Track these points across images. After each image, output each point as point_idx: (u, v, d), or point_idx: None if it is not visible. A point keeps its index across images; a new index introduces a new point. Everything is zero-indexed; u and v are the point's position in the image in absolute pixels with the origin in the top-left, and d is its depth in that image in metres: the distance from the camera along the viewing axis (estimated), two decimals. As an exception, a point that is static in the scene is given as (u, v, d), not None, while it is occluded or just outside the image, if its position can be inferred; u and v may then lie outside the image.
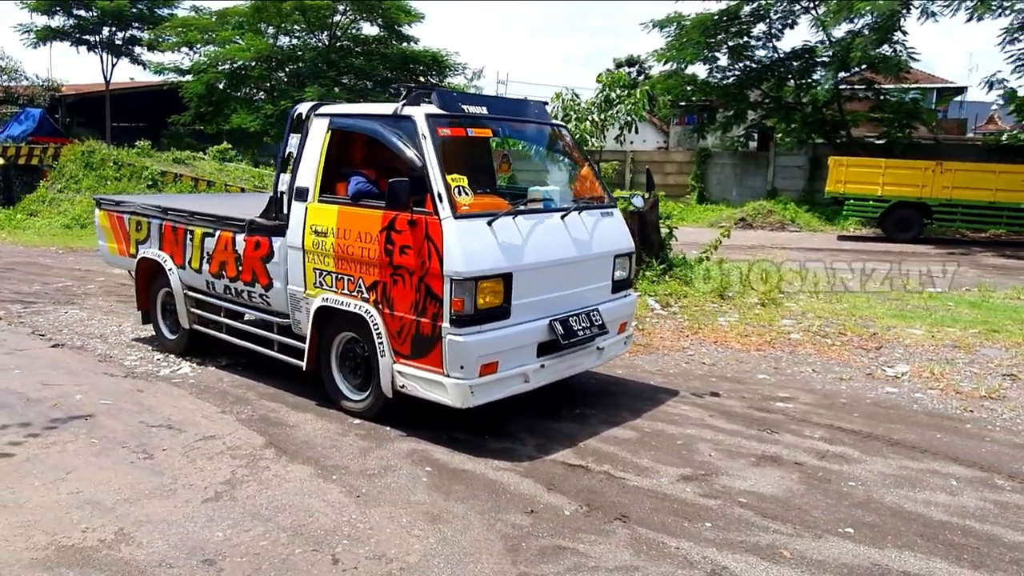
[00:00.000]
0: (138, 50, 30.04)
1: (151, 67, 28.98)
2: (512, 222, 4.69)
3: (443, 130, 4.74)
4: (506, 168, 6.17)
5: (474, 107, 5.03)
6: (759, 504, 3.99)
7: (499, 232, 4.56)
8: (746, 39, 23.16)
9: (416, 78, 27.55)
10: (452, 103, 4.91)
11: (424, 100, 4.83)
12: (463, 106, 4.96)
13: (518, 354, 4.67)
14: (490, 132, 5.37)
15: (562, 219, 5.07)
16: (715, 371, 6.51)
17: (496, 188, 5.99)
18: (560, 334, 4.82)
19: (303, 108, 5.40)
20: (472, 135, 5.17)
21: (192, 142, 25.80)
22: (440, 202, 4.43)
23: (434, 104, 4.81)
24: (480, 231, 4.49)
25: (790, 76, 23.39)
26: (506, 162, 6.15)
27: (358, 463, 4.39)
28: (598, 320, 5.19)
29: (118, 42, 29.51)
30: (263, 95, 27.81)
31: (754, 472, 4.40)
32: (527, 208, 5.01)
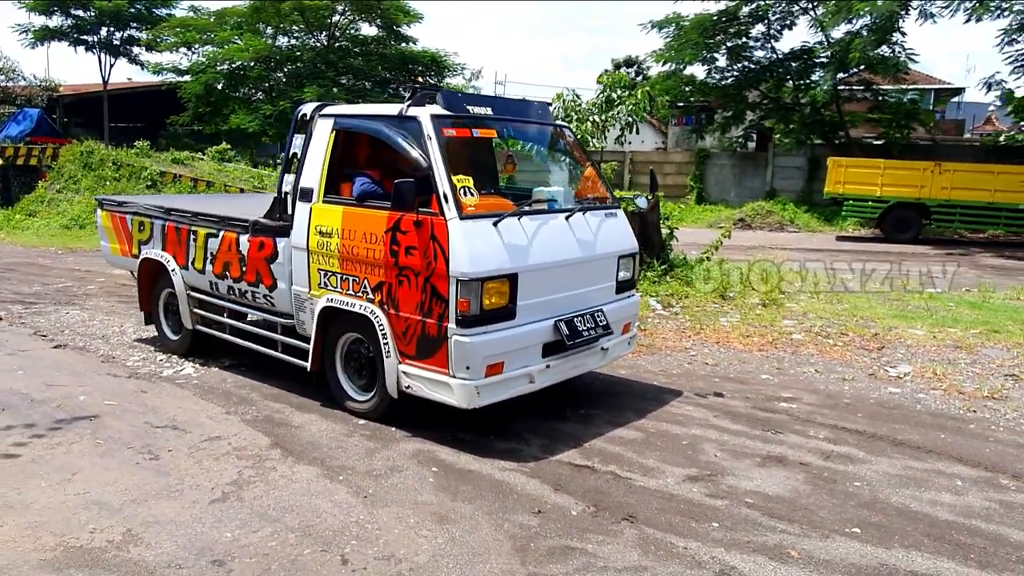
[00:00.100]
0: (136, 50, 30.09)
1: (149, 67, 29.01)
2: (517, 223, 4.70)
3: (448, 131, 4.74)
4: (511, 168, 6.18)
5: (479, 108, 5.04)
6: (765, 504, 4.00)
7: (504, 233, 4.57)
8: (745, 40, 23.19)
9: (415, 79, 27.54)
10: (457, 104, 4.92)
11: (429, 101, 4.84)
12: (468, 107, 4.97)
13: (523, 355, 4.68)
14: (495, 133, 5.37)
15: (567, 220, 5.08)
16: (718, 371, 6.52)
17: (499, 189, 6.01)
18: (565, 335, 4.83)
19: (307, 109, 5.40)
20: (477, 136, 5.18)
21: (190, 142, 25.76)
22: (446, 203, 4.43)
23: (439, 105, 4.82)
24: (486, 232, 4.50)
25: (789, 77, 23.43)
26: (511, 162, 6.16)
27: (364, 464, 4.39)
28: (603, 321, 5.19)
29: (116, 42, 29.52)
30: (262, 95, 27.77)
31: (760, 472, 4.41)
32: (532, 209, 5.03)
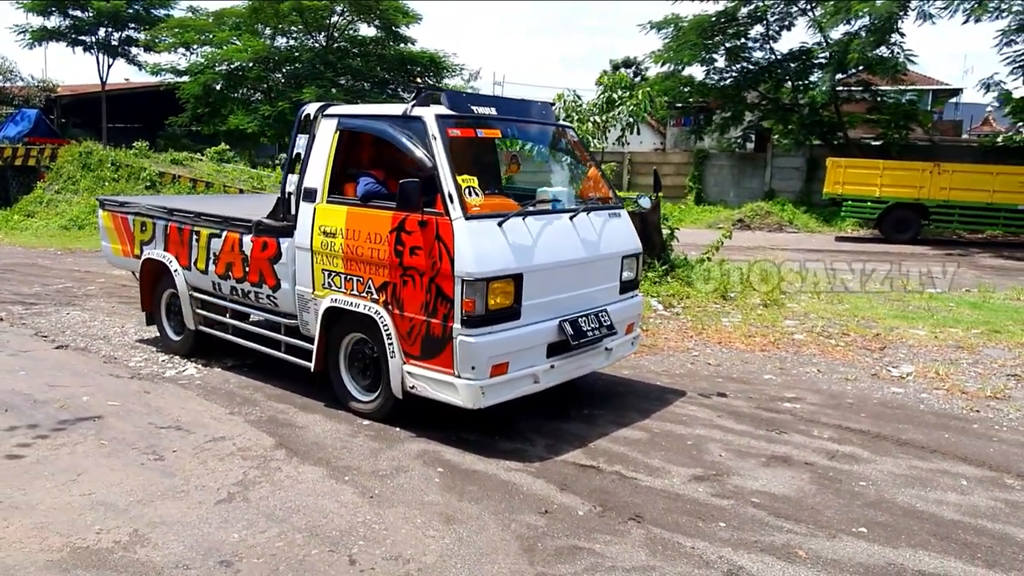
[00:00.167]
0: (134, 51, 29.98)
1: (147, 68, 28.90)
2: (522, 223, 4.70)
3: (453, 131, 4.74)
4: (515, 168, 6.18)
5: (483, 108, 5.04)
6: (772, 504, 4.00)
7: (509, 233, 4.57)
8: (743, 41, 23.22)
9: (413, 79, 27.52)
10: (461, 104, 4.92)
11: (433, 101, 4.84)
12: (472, 107, 4.97)
13: (528, 355, 4.67)
14: (499, 133, 5.38)
15: (571, 220, 5.07)
16: (721, 372, 6.53)
17: (502, 189, 6.01)
18: (570, 335, 4.83)
19: (311, 109, 5.39)
20: (481, 136, 5.18)
21: (189, 143, 25.70)
22: (451, 203, 4.43)
23: (444, 105, 4.82)
24: (491, 232, 4.49)
25: (787, 78, 23.45)
26: (515, 162, 6.16)
27: (370, 464, 4.38)
28: (607, 321, 5.19)
29: (114, 43, 29.44)
30: (260, 96, 27.70)
31: (765, 472, 4.41)
32: (536, 209, 5.03)
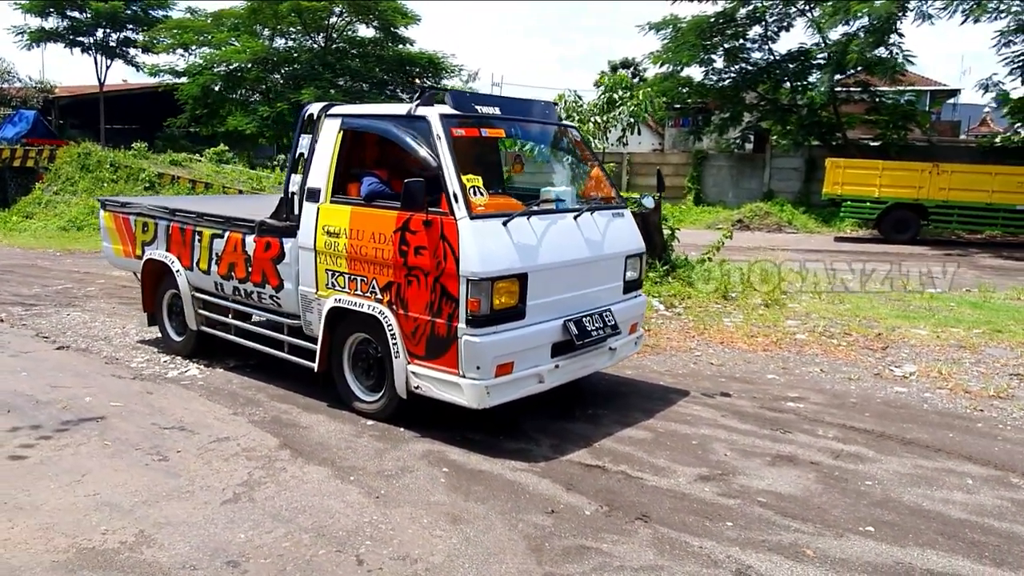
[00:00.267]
0: (132, 52, 29.95)
1: (146, 69, 28.88)
2: (527, 222, 4.69)
3: (457, 130, 4.74)
4: (519, 168, 6.17)
5: (487, 107, 5.04)
6: (778, 503, 4.00)
7: (514, 232, 4.56)
8: (742, 41, 23.22)
9: (412, 80, 27.52)
10: (466, 103, 4.92)
11: (438, 100, 4.83)
12: (476, 106, 4.97)
13: (533, 354, 4.67)
14: (503, 132, 5.38)
15: (575, 219, 5.07)
16: (724, 371, 6.52)
17: (505, 188, 6.00)
18: (575, 334, 4.82)
19: (314, 109, 5.38)
20: (486, 135, 5.18)
21: (187, 144, 25.67)
22: (456, 202, 4.42)
23: (448, 104, 4.82)
24: (496, 231, 4.49)
25: (786, 78, 23.47)
26: (519, 162, 6.15)
27: (375, 464, 4.37)
28: (611, 320, 5.19)
29: (112, 44, 29.42)
30: (259, 97, 27.67)
31: (771, 472, 4.41)
32: (541, 208, 5.01)
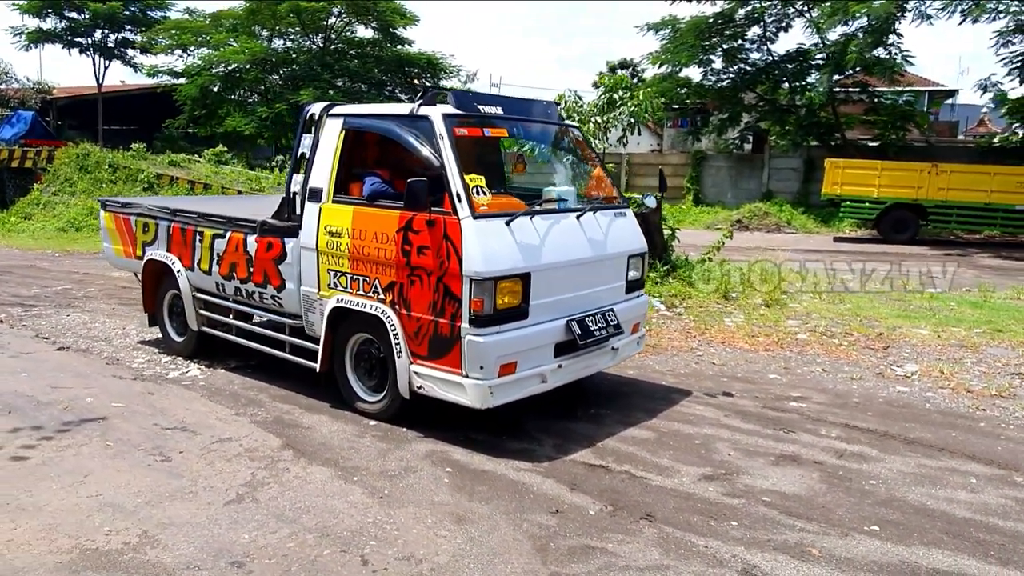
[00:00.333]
0: (131, 53, 29.90)
1: (144, 70, 28.83)
2: (529, 222, 4.68)
3: (460, 130, 4.73)
4: (521, 168, 6.16)
5: (489, 107, 5.03)
6: (783, 503, 3.99)
7: (517, 232, 4.55)
8: (740, 42, 23.22)
9: (411, 81, 27.49)
10: (468, 103, 4.91)
11: (440, 100, 4.83)
12: (479, 106, 4.96)
13: (536, 354, 4.66)
14: (505, 132, 5.37)
15: (577, 219, 5.07)
16: (725, 371, 6.52)
17: (506, 188, 5.99)
18: (577, 334, 4.82)
19: (316, 108, 5.37)
20: (488, 135, 5.17)
21: (186, 145, 25.63)
22: (459, 202, 4.42)
23: (450, 104, 4.81)
24: (499, 231, 4.48)
25: (784, 79, 23.48)
26: (521, 162, 6.14)
27: (378, 464, 4.36)
28: (613, 320, 5.18)
29: (110, 45, 29.36)
30: (257, 98, 27.62)
31: (775, 471, 4.40)
32: (543, 208, 5.00)
